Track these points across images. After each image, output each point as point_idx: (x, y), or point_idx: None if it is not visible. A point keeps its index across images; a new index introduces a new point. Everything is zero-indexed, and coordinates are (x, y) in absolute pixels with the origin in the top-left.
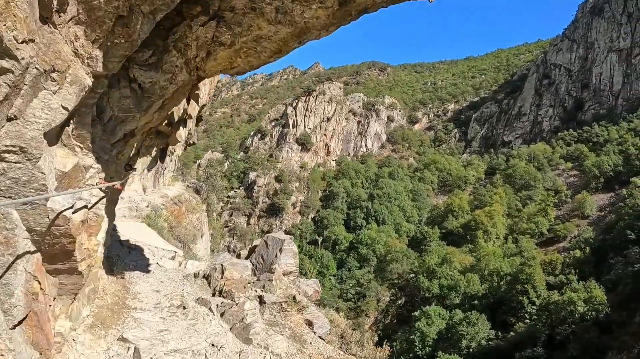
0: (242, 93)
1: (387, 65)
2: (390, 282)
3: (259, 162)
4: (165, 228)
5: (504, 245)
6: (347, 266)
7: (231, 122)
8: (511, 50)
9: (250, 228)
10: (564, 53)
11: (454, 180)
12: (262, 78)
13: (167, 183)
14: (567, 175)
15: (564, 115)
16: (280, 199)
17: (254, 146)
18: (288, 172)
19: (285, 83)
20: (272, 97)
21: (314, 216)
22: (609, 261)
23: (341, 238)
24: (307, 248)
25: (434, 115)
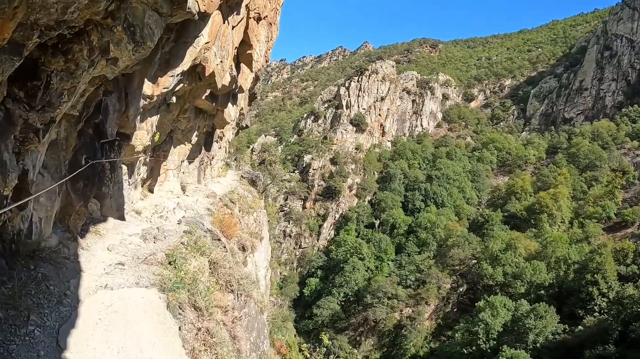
0: (292, 76)
1: (438, 42)
2: (451, 268)
3: (313, 145)
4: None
5: (570, 230)
6: (406, 251)
7: (283, 106)
8: (567, 21)
9: (306, 211)
10: (624, 22)
11: (514, 160)
12: (312, 60)
13: (217, 174)
14: (634, 154)
15: (627, 90)
16: (336, 182)
17: (307, 128)
18: (343, 153)
19: (335, 64)
20: (323, 79)
21: (370, 199)
22: None
23: (399, 222)
24: (365, 232)
25: (490, 92)
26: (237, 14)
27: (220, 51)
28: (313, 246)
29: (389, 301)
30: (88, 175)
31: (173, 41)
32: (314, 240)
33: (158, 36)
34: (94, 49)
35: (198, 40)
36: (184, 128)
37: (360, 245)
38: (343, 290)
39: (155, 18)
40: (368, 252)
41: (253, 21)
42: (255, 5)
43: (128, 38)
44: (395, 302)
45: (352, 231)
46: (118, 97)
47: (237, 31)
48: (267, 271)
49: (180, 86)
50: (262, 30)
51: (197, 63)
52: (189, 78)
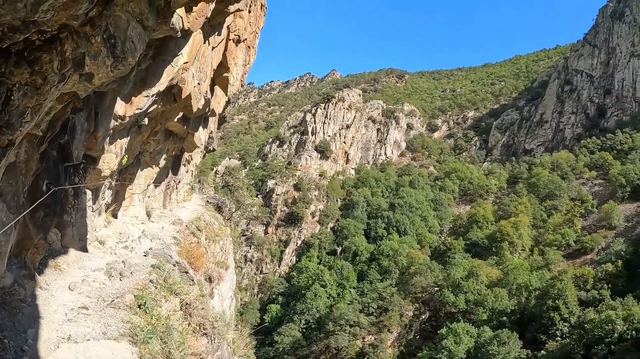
0: (259, 100)
1: (404, 72)
2: (413, 296)
3: (277, 170)
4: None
5: (530, 257)
6: (368, 278)
7: (248, 129)
8: (530, 57)
9: (268, 237)
10: (585, 58)
11: (476, 189)
12: (279, 85)
13: (183, 198)
14: (592, 184)
15: (586, 122)
16: (298, 208)
17: (272, 153)
18: (307, 180)
19: (303, 90)
20: (290, 104)
21: (333, 225)
22: None
23: (362, 249)
24: (327, 259)
25: (454, 123)
26: (219, 35)
27: (199, 72)
28: (274, 272)
29: (351, 329)
30: (49, 203)
31: (151, 58)
32: (275, 265)
33: (140, 52)
34: (66, 60)
35: (177, 59)
36: (153, 150)
37: (322, 272)
38: (304, 317)
39: (139, 31)
40: (330, 279)
41: (232, 43)
42: (236, 26)
43: (107, 51)
44: (357, 330)
45: (314, 258)
46: (87, 116)
47: (217, 53)
48: (232, 301)
49: (154, 107)
50: (240, 53)
51: (174, 84)
52: (164, 99)
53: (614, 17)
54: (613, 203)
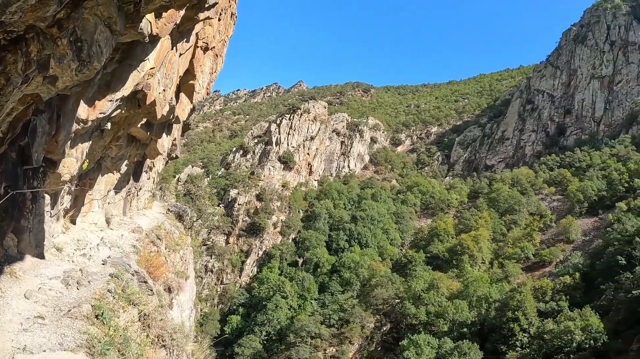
0: (224, 109)
1: (370, 87)
2: (374, 308)
3: (240, 179)
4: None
5: (490, 270)
6: (329, 290)
7: (213, 137)
8: (493, 76)
9: (229, 247)
10: (547, 79)
11: (437, 203)
12: (246, 94)
13: (143, 206)
14: (551, 200)
15: (546, 140)
16: (260, 218)
17: (235, 163)
18: (269, 190)
19: (269, 100)
20: (255, 114)
21: (295, 237)
22: (600, 287)
23: (323, 261)
24: (288, 270)
25: (417, 138)
26: (187, 42)
27: (165, 79)
28: (235, 283)
29: (313, 341)
30: (6, 207)
31: (117, 62)
32: (236, 276)
33: (106, 57)
34: (31, 62)
35: (143, 64)
36: (114, 156)
37: (283, 283)
38: (265, 328)
39: (107, 35)
40: (291, 291)
41: (200, 50)
42: (205, 34)
43: (73, 54)
44: (318, 341)
45: (275, 269)
46: (49, 119)
47: (184, 59)
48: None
49: (117, 112)
50: (207, 61)
51: (139, 89)
52: (128, 104)
53: (576, 41)
54: (571, 218)
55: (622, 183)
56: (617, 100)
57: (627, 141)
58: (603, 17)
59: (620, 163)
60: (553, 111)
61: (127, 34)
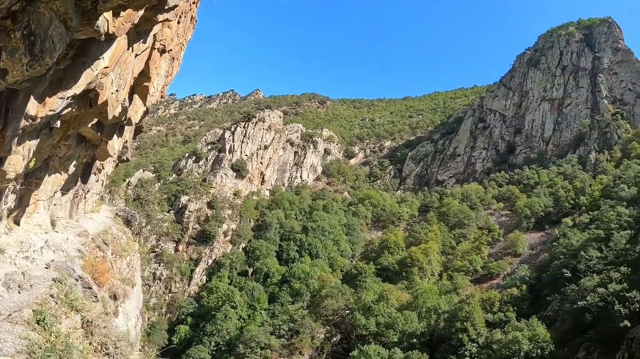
0: (179, 113)
1: (327, 99)
2: (324, 318)
3: (191, 186)
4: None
5: (439, 282)
6: (279, 300)
7: (165, 142)
8: (448, 94)
9: (179, 255)
10: (499, 99)
11: (388, 216)
12: (202, 99)
13: (91, 209)
14: (499, 215)
15: (496, 158)
16: (211, 226)
17: (187, 169)
18: (221, 198)
19: (224, 107)
20: (210, 120)
21: (245, 246)
22: (546, 299)
23: (273, 271)
24: (238, 279)
25: (371, 151)
26: (144, 42)
27: (118, 79)
28: (184, 292)
29: (262, 351)
30: None
31: (71, 59)
32: (185, 284)
33: (59, 53)
34: None
35: (98, 62)
36: (63, 155)
37: (232, 293)
38: (214, 338)
39: (61, 31)
40: (240, 300)
41: (157, 52)
42: (163, 36)
43: (25, 49)
44: (268, 352)
45: (225, 278)
46: None
47: (139, 60)
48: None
49: (68, 110)
50: (163, 64)
51: (91, 88)
52: (79, 103)
53: (530, 64)
54: (518, 232)
55: (568, 200)
56: (566, 121)
57: (574, 160)
58: (557, 43)
59: (566, 181)
60: (504, 130)
61: (82, 30)
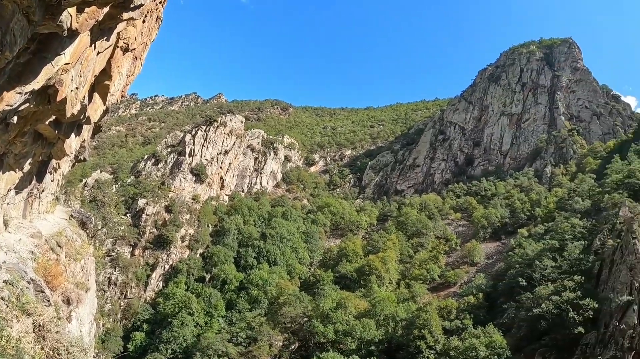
0: (140, 113)
1: (289, 105)
2: (282, 326)
3: (149, 189)
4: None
5: (397, 290)
6: (237, 307)
7: (125, 142)
8: (409, 105)
9: (135, 259)
10: (460, 113)
11: (347, 224)
12: (163, 101)
13: (45, 209)
14: (457, 225)
15: (455, 169)
16: (168, 231)
17: (146, 171)
18: (179, 202)
19: (186, 109)
20: (171, 122)
21: (203, 251)
22: (502, 306)
23: (231, 277)
24: (195, 286)
25: (331, 159)
26: (107, 40)
27: (79, 76)
28: (140, 298)
29: None
30: None
31: (32, 53)
32: (140, 290)
33: (20, 46)
34: None
35: (59, 58)
36: (18, 152)
37: (189, 299)
38: (171, 346)
39: (23, 24)
40: (197, 307)
41: (120, 51)
42: (127, 34)
43: None
44: None
45: (182, 284)
46: None
47: (101, 58)
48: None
49: (25, 106)
50: (126, 63)
51: (51, 84)
52: (38, 99)
53: (490, 80)
54: (475, 242)
55: (524, 211)
56: (524, 136)
57: (530, 174)
58: (518, 61)
59: (523, 194)
60: (463, 142)
61: (45, 25)
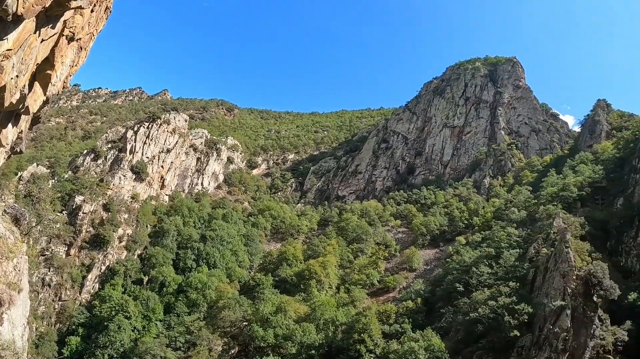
0: (81, 106)
1: (234, 106)
2: (222, 330)
3: (87, 186)
4: None
5: (337, 295)
6: (175, 311)
7: (64, 135)
8: (355, 113)
9: (70, 259)
10: (404, 122)
11: (287, 228)
12: (107, 94)
13: None
14: (396, 231)
15: (396, 177)
16: (106, 230)
17: (84, 167)
18: (118, 201)
19: (130, 104)
20: (113, 117)
21: (141, 253)
22: (440, 311)
23: (169, 280)
24: (132, 288)
25: (274, 163)
26: (52, 28)
27: (20, 64)
28: (75, 300)
29: None
30: None
31: None
32: (76, 292)
33: None
34: None
35: (0, 44)
36: None
37: (126, 302)
38: (107, 351)
39: None
40: (135, 311)
41: (65, 40)
42: (74, 23)
43: None
44: None
45: (119, 287)
46: None
47: (45, 46)
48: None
49: None
50: (70, 53)
51: None
52: None
53: (435, 92)
54: (414, 248)
55: (462, 220)
56: (464, 148)
57: (469, 184)
58: (463, 75)
59: (461, 203)
60: (405, 152)
61: None
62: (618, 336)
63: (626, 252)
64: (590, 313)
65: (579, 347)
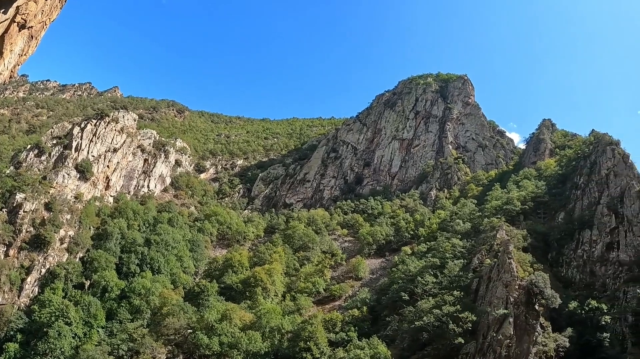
0: (28, 98)
1: (185, 108)
2: (166, 338)
3: (29, 183)
4: None
5: (283, 303)
6: (118, 317)
7: (7, 128)
8: (305, 121)
9: (9, 261)
10: (354, 133)
11: (234, 235)
12: (55, 87)
13: None
14: (343, 240)
15: (344, 187)
16: (47, 231)
17: (27, 162)
18: (60, 200)
19: (78, 100)
20: (60, 112)
21: (83, 256)
22: (385, 319)
23: (112, 285)
24: (73, 293)
25: (222, 168)
26: (4, 13)
27: None
28: (13, 304)
29: None
30: None
31: None
32: (14, 295)
33: None
34: None
35: None
36: None
37: (67, 308)
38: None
39: None
40: (76, 316)
41: (16, 27)
42: (27, 10)
43: None
44: None
45: (59, 291)
46: None
47: None
48: None
49: None
50: (20, 41)
51: None
52: None
53: (386, 105)
54: (360, 257)
55: (408, 230)
56: (412, 160)
57: (416, 196)
58: (414, 90)
59: (408, 214)
60: (354, 162)
61: None
62: (559, 342)
63: (567, 263)
64: (533, 321)
65: (522, 353)
